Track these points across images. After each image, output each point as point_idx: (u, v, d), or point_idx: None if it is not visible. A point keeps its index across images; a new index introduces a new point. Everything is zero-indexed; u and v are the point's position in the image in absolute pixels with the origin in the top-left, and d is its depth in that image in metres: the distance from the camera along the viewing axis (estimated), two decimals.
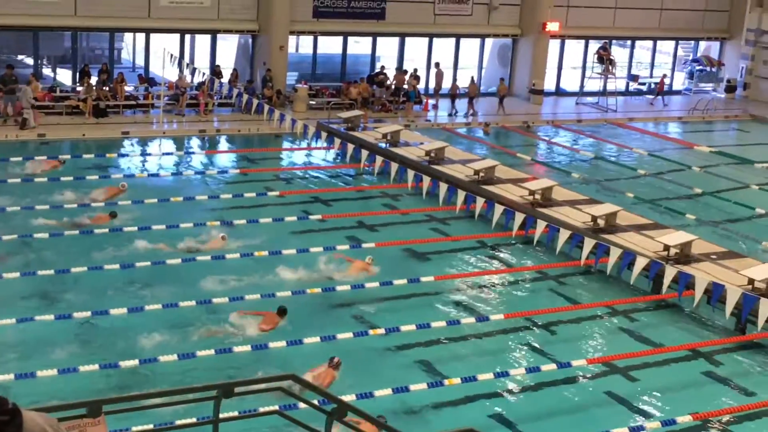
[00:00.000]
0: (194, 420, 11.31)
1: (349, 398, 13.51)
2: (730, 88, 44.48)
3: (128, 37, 39.32)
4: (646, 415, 15.52)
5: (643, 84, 45.16)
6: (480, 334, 17.93)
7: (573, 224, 22.74)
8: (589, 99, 42.00)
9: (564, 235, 21.36)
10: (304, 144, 31.51)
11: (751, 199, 28.48)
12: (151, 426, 12.72)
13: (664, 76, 44.28)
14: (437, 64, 37.52)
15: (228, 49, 38.64)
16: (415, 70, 38.13)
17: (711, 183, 30.08)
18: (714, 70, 45.21)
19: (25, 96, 30.33)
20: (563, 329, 18.72)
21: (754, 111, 42.29)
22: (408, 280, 19.77)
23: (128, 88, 34.05)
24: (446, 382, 15.67)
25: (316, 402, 9.43)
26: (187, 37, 36.77)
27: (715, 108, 41.77)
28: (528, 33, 40.50)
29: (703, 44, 46.66)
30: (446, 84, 38.94)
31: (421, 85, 38.41)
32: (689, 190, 29.08)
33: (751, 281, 19.62)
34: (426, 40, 40.10)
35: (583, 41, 43.81)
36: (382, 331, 17.36)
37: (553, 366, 16.73)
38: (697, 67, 45.47)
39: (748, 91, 45.02)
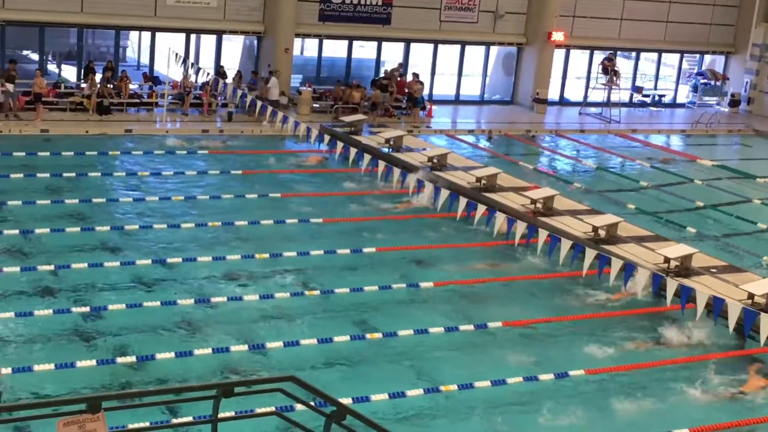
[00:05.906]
0: (191, 419, 11.31)
1: (345, 401, 13.47)
2: (734, 103, 44.45)
3: (134, 35, 39.30)
4: (645, 428, 15.48)
5: (647, 96, 45.13)
6: (478, 342, 17.90)
7: (574, 234, 22.72)
8: (593, 109, 41.97)
9: (566, 245, 21.33)
10: (305, 147, 31.45)
11: (753, 213, 28.42)
12: (147, 423, 12.70)
13: None
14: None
15: (233, 49, 38.64)
16: (417, 75, 38.01)
17: (713, 196, 30.01)
18: (718, 84, 45.22)
19: (274, 88, 33.76)
20: (560, 339, 18.68)
21: (758, 126, 42.29)
22: (407, 285, 19.82)
23: (132, 86, 34.04)
24: (443, 388, 15.70)
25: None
26: (193, 36, 36.75)
27: (718, 122, 41.73)
28: (533, 42, 40.49)
29: (708, 58, 46.66)
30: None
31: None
32: (691, 203, 29.05)
33: (751, 296, 19.60)
34: (431, 46, 40.08)
35: (588, 51, 43.79)
36: (379, 335, 17.43)
37: (551, 376, 16.71)
38: (702, 81, 45.49)
39: (752, 106, 45.02)
